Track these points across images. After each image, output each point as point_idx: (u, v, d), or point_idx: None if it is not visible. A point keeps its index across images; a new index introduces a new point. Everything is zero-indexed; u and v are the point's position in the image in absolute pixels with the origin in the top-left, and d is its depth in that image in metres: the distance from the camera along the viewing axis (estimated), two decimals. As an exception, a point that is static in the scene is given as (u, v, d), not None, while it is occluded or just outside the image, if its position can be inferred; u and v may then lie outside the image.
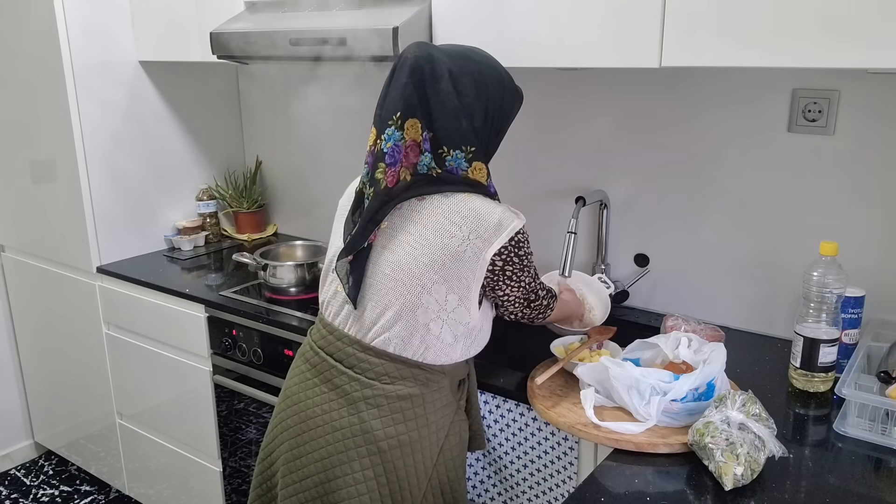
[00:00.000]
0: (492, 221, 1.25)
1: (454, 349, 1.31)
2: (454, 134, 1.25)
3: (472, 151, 1.26)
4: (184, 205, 2.55)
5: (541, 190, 2.02)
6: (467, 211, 1.25)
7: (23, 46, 2.29)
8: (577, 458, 1.41)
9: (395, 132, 1.24)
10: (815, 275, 1.38)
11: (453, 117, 1.25)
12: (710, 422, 1.16)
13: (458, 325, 1.28)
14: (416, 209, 1.27)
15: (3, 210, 2.62)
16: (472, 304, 1.28)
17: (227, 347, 2.02)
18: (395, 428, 1.29)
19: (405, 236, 1.27)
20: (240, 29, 1.87)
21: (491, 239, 1.24)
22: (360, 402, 1.29)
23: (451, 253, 1.24)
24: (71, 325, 2.51)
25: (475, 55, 1.32)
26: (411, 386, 1.30)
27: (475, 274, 1.25)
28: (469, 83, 1.26)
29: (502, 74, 1.33)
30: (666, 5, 1.35)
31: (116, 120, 2.32)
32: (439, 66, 1.24)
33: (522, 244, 1.29)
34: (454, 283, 1.25)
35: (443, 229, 1.24)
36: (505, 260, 1.27)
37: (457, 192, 1.27)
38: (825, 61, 1.22)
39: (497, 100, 1.31)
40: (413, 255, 1.25)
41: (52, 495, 2.71)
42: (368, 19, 1.67)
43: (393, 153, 1.25)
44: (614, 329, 1.59)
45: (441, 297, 1.25)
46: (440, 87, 1.24)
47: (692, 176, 1.77)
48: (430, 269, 1.25)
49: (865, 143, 1.55)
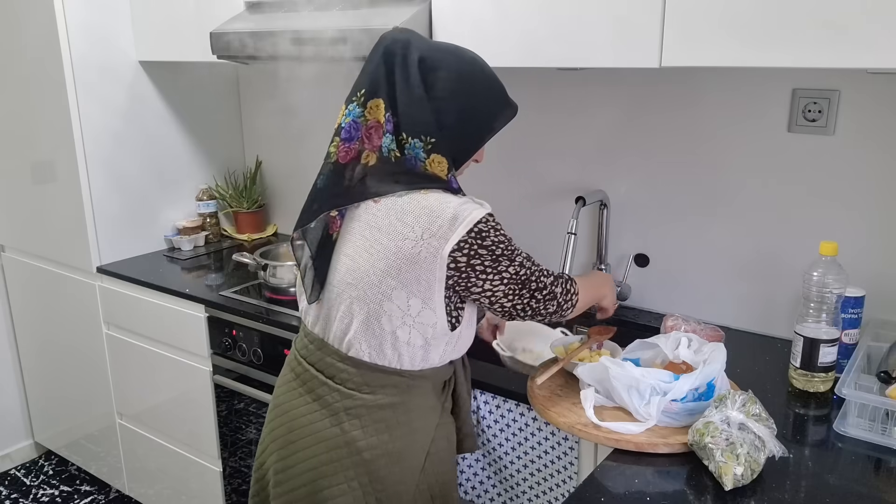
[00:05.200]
0: (446, 217, 1.19)
1: (431, 353, 1.28)
2: (415, 122, 1.21)
3: (431, 143, 1.21)
4: (184, 205, 2.55)
5: (541, 190, 2.02)
6: (419, 210, 1.20)
7: (23, 46, 2.29)
8: (577, 458, 1.41)
9: (356, 108, 1.24)
10: (815, 275, 1.38)
11: (417, 105, 1.21)
12: (710, 422, 1.16)
13: (427, 329, 1.24)
14: (372, 212, 1.23)
15: (3, 210, 2.62)
16: (438, 307, 1.23)
17: (227, 347, 2.02)
18: (378, 438, 1.27)
19: (362, 242, 1.24)
20: (240, 29, 1.87)
21: (446, 235, 1.18)
22: (341, 414, 1.28)
23: (406, 256, 1.19)
24: (71, 325, 2.51)
25: (465, 56, 1.27)
26: (392, 394, 1.28)
27: (435, 274, 1.20)
28: (444, 78, 1.22)
29: (493, 83, 1.28)
30: (666, 5, 1.35)
31: (116, 120, 2.32)
32: (412, 53, 1.22)
33: (487, 234, 1.21)
34: (413, 286, 1.20)
35: (396, 232, 1.20)
36: (469, 255, 1.20)
37: (411, 191, 1.22)
38: (825, 61, 1.22)
39: (479, 106, 1.26)
40: (370, 261, 1.22)
41: (52, 495, 2.71)
42: (368, 19, 1.67)
43: (349, 129, 1.24)
44: (614, 329, 1.59)
45: (402, 302, 1.22)
46: (409, 73, 1.21)
47: (692, 176, 1.77)
48: (388, 275, 1.21)
49: (865, 143, 1.55)
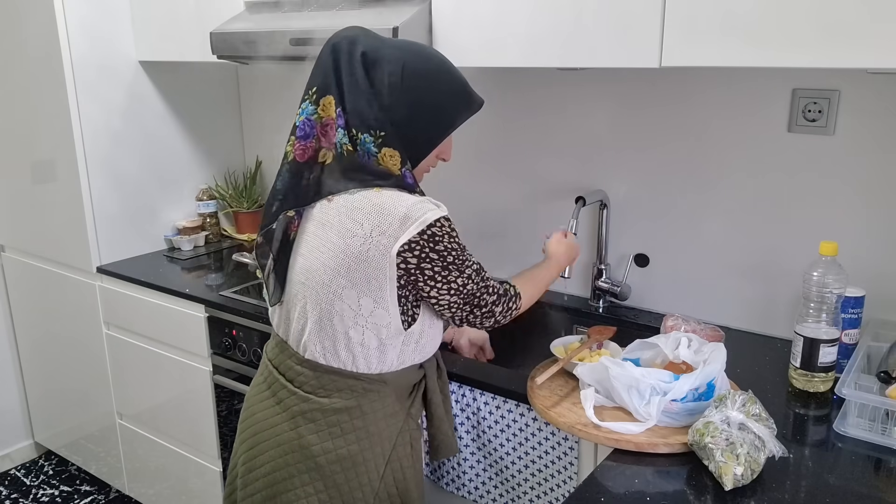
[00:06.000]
0: (397, 215, 1.17)
1: (387, 355, 1.26)
2: (363, 117, 1.20)
3: (381, 136, 1.20)
4: (184, 205, 2.55)
5: (541, 190, 2.02)
6: (370, 207, 1.18)
7: (23, 46, 2.29)
8: (577, 458, 1.41)
9: (308, 106, 1.24)
10: (815, 275, 1.38)
11: (364, 100, 1.20)
12: (710, 422, 1.16)
13: (381, 329, 1.23)
14: (326, 211, 1.22)
15: (3, 210, 2.62)
16: (392, 306, 1.21)
17: (227, 347, 2.02)
18: (333, 442, 1.26)
19: (315, 241, 1.23)
20: (240, 29, 1.87)
21: (396, 234, 1.17)
22: (298, 417, 1.28)
23: (355, 254, 1.18)
24: (71, 325, 2.50)
25: (415, 50, 1.25)
26: (347, 398, 1.27)
27: (386, 273, 1.18)
28: (389, 72, 1.21)
29: (448, 79, 1.26)
30: (666, 5, 1.35)
31: (116, 120, 2.32)
32: (357, 49, 1.22)
33: (440, 239, 1.19)
34: (363, 286, 1.19)
35: (345, 230, 1.19)
36: (419, 257, 1.18)
37: (365, 189, 1.21)
38: (825, 61, 1.22)
39: (430, 100, 1.24)
40: (321, 260, 1.21)
41: (52, 495, 2.71)
42: (368, 19, 1.67)
43: (304, 127, 1.24)
44: (614, 329, 1.59)
45: (353, 302, 1.20)
46: (353, 69, 1.21)
47: (692, 176, 1.77)
48: (338, 273, 1.20)
49: (865, 143, 1.55)
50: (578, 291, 2.01)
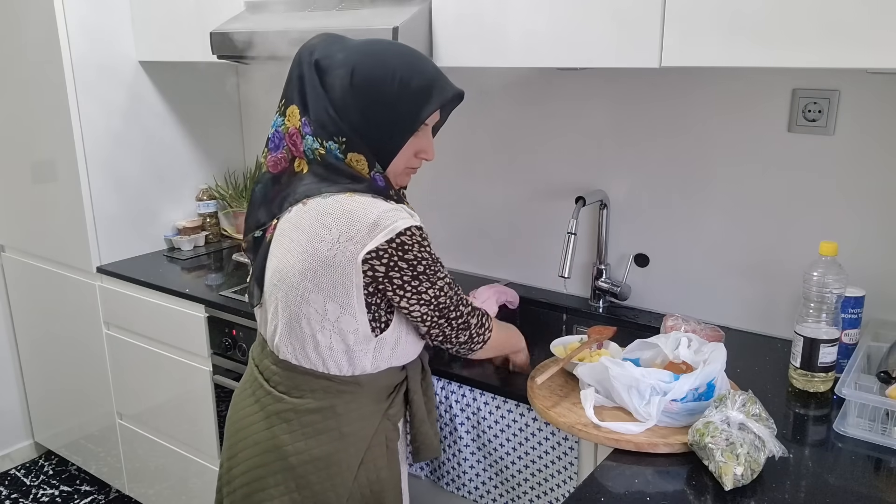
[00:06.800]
0: (366, 221, 1.15)
1: (358, 360, 1.25)
2: (324, 125, 1.20)
3: (343, 143, 1.20)
4: (184, 205, 2.55)
5: (541, 190, 2.02)
6: (340, 213, 1.17)
7: (23, 46, 2.29)
8: (577, 458, 1.41)
9: (277, 118, 1.25)
10: (815, 275, 1.38)
11: (322, 107, 1.20)
12: (710, 422, 1.16)
13: (348, 335, 1.21)
14: (301, 214, 1.21)
15: (3, 210, 2.62)
16: (360, 313, 1.20)
17: (227, 347, 2.02)
18: (306, 443, 1.26)
19: (287, 243, 1.22)
20: (240, 29, 1.87)
21: (363, 241, 1.15)
22: (273, 417, 1.28)
23: (322, 259, 1.17)
24: (71, 325, 2.50)
25: (374, 51, 1.21)
26: (321, 398, 1.26)
27: (352, 280, 1.17)
28: (339, 76, 1.19)
29: (405, 73, 1.20)
30: (666, 5, 1.35)
31: (116, 120, 2.32)
32: (313, 57, 1.22)
33: (410, 248, 1.17)
34: (330, 290, 1.18)
35: (314, 234, 1.18)
36: (387, 265, 1.16)
37: (337, 193, 1.19)
38: (825, 61, 1.22)
39: (384, 100, 1.19)
40: (291, 262, 1.20)
41: (52, 495, 2.71)
42: (368, 19, 1.67)
43: (274, 138, 1.25)
44: (614, 329, 1.59)
45: (320, 306, 1.19)
46: (312, 77, 1.21)
47: (692, 176, 1.77)
48: (305, 277, 1.19)
49: (865, 143, 1.55)
50: (578, 291, 2.02)
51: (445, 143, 2.16)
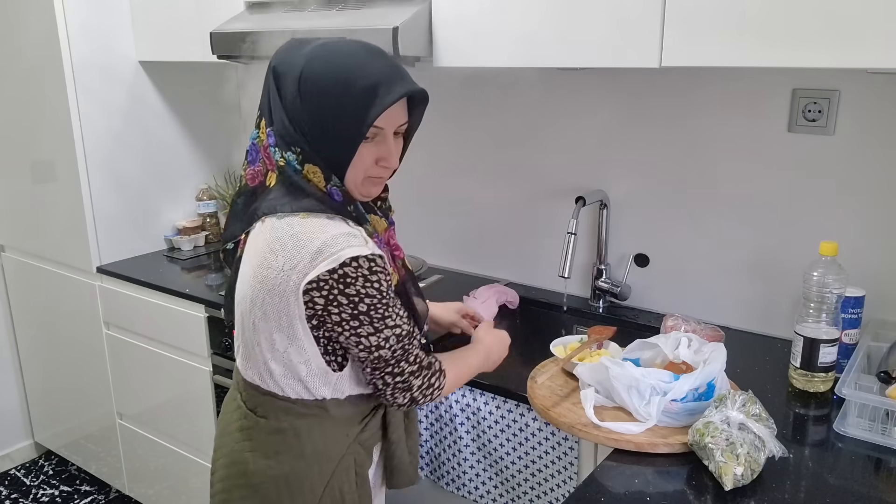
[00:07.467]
0: (311, 248, 1.07)
1: (316, 390, 1.17)
2: (281, 134, 1.13)
3: (299, 153, 1.12)
4: (184, 205, 2.55)
5: (541, 190, 2.02)
6: (288, 237, 1.09)
7: (23, 46, 2.29)
8: (577, 458, 1.41)
9: (254, 131, 1.21)
10: (815, 275, 1.38)
11: (279, 117, 1.13)
12: (710, 422, 1.16)
13: (299, 367, 1.14)
14: (258, 233, 1.15)
15: (3, 210, 2.62)
16: (308, 345, 1.12)
17: (227, 347, 2.02)
18: (267, 462, 1.21)
19: (245, 266, 1.17)
20: (240, 29, 1.88)
21: (305, 269, 1.07)
22: (241, 432, 1.25)
23: (269, 287, 1.10)
24: (71, 325, 2.51)
25: (324, 53, 1.12)
26: (283, 419, 1.20)
27: (294, 311, 1.09)
28: (289, 82, 1.11)
29: (353, 73, 1.10)
30: (666, 5, 1.35)
31: (116, 120, 2.32)
32: (272, 64, 1.16)
33: (353, 281, 1.06)
34: (274, 320, 1.11)
35: (263, 260, 1.11)
36: (326, 298, 1.07)
37: (290, 214, 1.11)
38: (825, 61, 1.22)
39: (330, 103, 1.10)
40: (244, 287, 1.16)
41: (52, 495, 2.71)
42: (368, 19, 1.67)
43: (250, 152, 1.21)
44: (614, 329, 1.59)
45: (268, 335, 1.13)
46: (271, 85, 1.16)
47: (692, 176, 1.77)
48: (255, 304, 1.13)
49: (865, 143, 1.55)
50: (578, 291, 2.02)
51: (445, 144, 2.16)
